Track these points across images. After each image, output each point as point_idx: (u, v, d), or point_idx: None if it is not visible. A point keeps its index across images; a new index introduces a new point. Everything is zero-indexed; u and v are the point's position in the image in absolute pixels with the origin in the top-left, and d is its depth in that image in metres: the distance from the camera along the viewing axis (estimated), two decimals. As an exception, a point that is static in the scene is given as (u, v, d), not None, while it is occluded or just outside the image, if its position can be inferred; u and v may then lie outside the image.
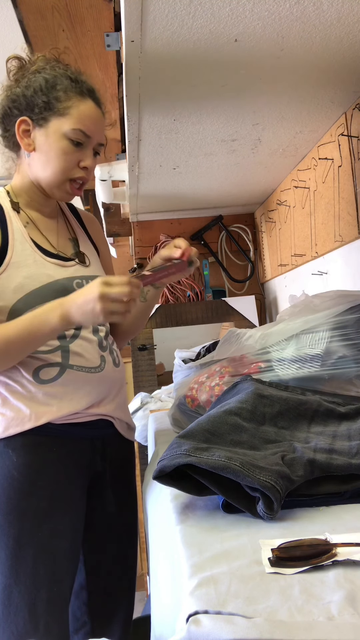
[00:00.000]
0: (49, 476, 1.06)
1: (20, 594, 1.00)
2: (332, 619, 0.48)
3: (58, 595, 1.04)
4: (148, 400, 2.26)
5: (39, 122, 1.10)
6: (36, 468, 1.05)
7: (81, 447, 1.12)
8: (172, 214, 2.71)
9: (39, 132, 1.11)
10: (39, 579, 1.01)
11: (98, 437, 1.15)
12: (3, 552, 1.01)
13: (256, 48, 1.15)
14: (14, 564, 1.01)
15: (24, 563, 1.01)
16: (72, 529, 1.08)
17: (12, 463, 1.04)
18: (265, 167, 2.02)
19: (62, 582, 1.05)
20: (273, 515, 0.69)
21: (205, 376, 1.24)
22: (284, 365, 1.09)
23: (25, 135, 1.12)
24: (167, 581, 0.71)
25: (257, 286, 2.79)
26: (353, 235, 1.57)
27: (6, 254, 1.08)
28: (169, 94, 1.33)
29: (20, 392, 1.06)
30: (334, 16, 1.06)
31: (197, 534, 0.69)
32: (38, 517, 1.03)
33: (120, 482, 1.22)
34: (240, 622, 0.48)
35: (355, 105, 1.49)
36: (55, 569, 1.04)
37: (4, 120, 1.15)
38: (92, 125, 1.12)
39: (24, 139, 1.12)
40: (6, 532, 1.02)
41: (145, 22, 1.02)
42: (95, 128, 1.13)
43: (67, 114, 1.10)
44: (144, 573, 2.86)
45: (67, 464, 1.09)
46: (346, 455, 0.79)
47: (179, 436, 0.81)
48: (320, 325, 1.10)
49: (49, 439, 1.07)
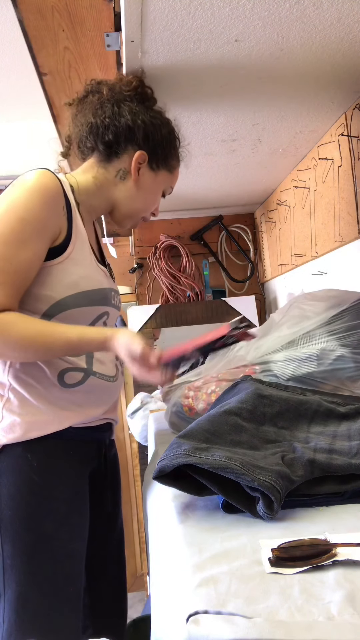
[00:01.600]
0: (67, 480, 1.06)
1: (37, 599, 1.00)
2: (332, 619, 0.48)
3: (74, 597, 1.04)
4: (148, 400, 2.26)
5: (152, 165, 1.18)
6: (56, 472, 1.05)
7: (91, 450, 1.15)
8: (172, 214, 2.71)
9: (148, 173, 1.18)
10: (55, 584, 1.01)
11: (102, 440, 1.19)
12: (20, 558, 1.00)
13: (256, 48, 1.15)
14: (31, 569, 1.00)
15: (41, 568, 1.00)
16: (85, 531, 1.09)
17: (32, 468, 1.03)
18: (265, 167, 2.02)
19: (76, 584, 1.05)
20: (273, 515, 0.69)
21: (201, 382, 1.24)
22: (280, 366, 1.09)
23: (137, 167, 1.16)
24: (167, 581, 0.71)
25: (257, 286, 2.79)
26: (353, 235, 1.57)
27: (68, 247, 1.07)
28: (169, 94, 1.33)
29: (44, 394, 1.06)
30: (334, 16, 1.06)
31: (197, 534, 0.69)
32: (57, 521, 1.03)
33: (115, 480, 1.26)
34: (240, 622, 0.48)
35: (355, 105, 1.49)
36: (71, 571, 1.04)
37: (123, 135, 1.15)
38: (175, 185, 1.28)
39: (136, 169, 1.16)
40: (24, 538, 1.01)
41: (145, 22, 1.02)
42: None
43: (172, 173, 1.24)
44: (144, 573, 2.87)
45: (81, 467, 1.11)
46: (346, 455, 0.79)
47: (178, 436, 0.81)
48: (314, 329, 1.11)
49: (66, 443, 1.08)
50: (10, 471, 1.02)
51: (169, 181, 1.24)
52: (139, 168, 1.16)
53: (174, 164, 1.23)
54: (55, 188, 1.06)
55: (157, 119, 1.18)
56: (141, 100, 1.18)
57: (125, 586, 1.30)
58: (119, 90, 1.17)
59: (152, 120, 1.16)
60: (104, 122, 1.14)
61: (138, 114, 1.15)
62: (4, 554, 1.00)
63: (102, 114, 1.15)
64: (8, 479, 1.02)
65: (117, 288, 1.25)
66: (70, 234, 1.08)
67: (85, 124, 1.17)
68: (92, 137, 1.16)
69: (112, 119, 1.14)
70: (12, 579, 1.00)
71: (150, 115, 1.17)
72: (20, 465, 1.03)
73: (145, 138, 1.16)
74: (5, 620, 1.00)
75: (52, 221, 1.04)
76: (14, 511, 1.01)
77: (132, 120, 1.14)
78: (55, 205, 1.05)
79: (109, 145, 1.16)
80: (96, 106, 1.16)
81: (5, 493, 1.01)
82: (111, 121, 1.14)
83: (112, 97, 1.16)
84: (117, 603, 1.25)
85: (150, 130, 1.16)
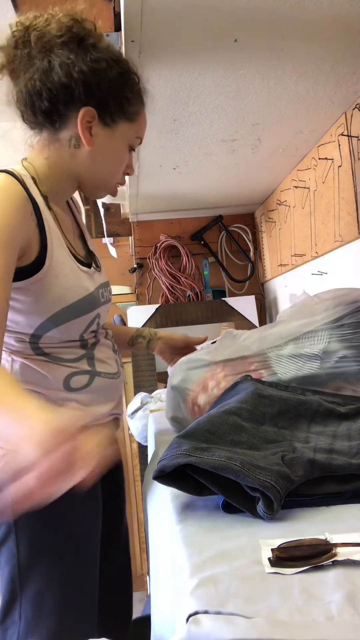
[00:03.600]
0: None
1: (55, 597, 0.99)
2: (332, 619, 0.48)
3: (90, 593, 1.04)
4: (148, 400, 2.26)
5: (106, 120, 1.00)
6: None
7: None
8: (172, 214, 2.71)
9: (103, 131, 1.00)
10: (71, 582, 1.01)
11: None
12: (37, 558, 1.00)
13: (256, 48, 1.15)
14: (48, 569, 1.00)
15: (58, 568, 1.00)
16: (98, 528, 1.09)
17: None
18: (265, 167, 2.02)
19: (92, 580, 1.05)
20: (273, 515, 0.69)
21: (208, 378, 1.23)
22: (282, 364, 1.09)
23: (87, 127, 0.99)
24: (167, 581, 0.71)
25: (257, 286, 2.79)
26: (353, 235, 1.57)
27: (45, 261, 0.96)
28: (169, 94, 1.33)
29: (51, 398, 1.02)
30: (334, 16, 1.06)
31: (197, 534, 0.69)
32: (73, 519, 1.02)
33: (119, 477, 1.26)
34: (240, 622, 0.48)
35: (355, 105, 1.49)
36: (87, 568, 1.04)
37: (59, 98, 0.96)
38: (144, 132, 1.08)
39: (86, 131, 0.99)
40: (40, 538, 1.00)
41: (145, 22, 1.02)
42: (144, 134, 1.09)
43: (134, 121, 1.04)
44: (144, 573, 2.87)
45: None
46: (346, 455, 0.79)
47: (178, 436, 0.81)
48: (319, 326, 1.10)
49: None
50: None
51: (133, 131, 1.04)
52: (89, 128, 0.98)
53: (134, 109, 1.03)
54: (18, 194, 0.93)
55: (102, 62, 0.96)
56: (79, 43, 0.96)
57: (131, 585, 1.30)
58: (49, 37, 0.95)
59: (93, 66, 0.95)
60: (35, 86, 0.95)
61: (74, 65, 0.94)
62: (20, 555, 1.00)
63: (32, 75, 0.95)
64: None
65: (106, 279, 1.14)
66: (45, 244, 0.96)
67: (18, 94, 0.98)
68: (30, 110, 0.98)
69: (42, 80, 0.94)
70: (30, 579, 1.00)
71: (91, 60, 0.95)
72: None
73: (87, 92, 0.96)
74: (22, 618, 1.00)
75: (19, 231, 0.91)
76: (28, 512, 1.01)
77: (66, 75, 0.94)
78: (22, 215, 0.92)
79: (47, 114, 0.97)
80: (24, 63, 0.95)
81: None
82: (42, 84, 0.94)
83: (41, 49, 0.95)
84: (120, 603, 1.25)
85: (92, 80, 0.95)
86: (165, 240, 2.72)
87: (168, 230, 2.75)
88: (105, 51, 0.98)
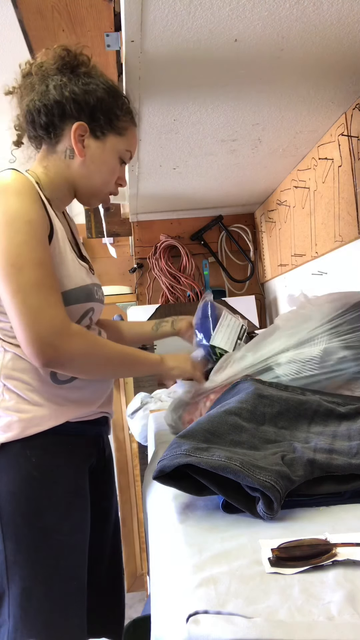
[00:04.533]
0: (67, 475, 1.07)
1: (41, 592, 1.00)
2: (332, 619, 0.48)
3: (77, 590, 1.05)
4: (148, 400, 2.26)
5: (96, 134, 1.13)
6: (55, 467, 1.06)
7: (90, 444, 1.16)
8: (172, 214, 2.71)
9: (94, 143, 1.13)
10: (58, 578, 1.01)
11: (100, 434, 1.20)
12: (22, 554, 1.01)
13: (256, 48, 1.15)
14: (34, 564, 1.01)
15: (44, 561, 1.01)
16: (87, 524, 1.10)
17: (31, 464, 1.03)
18: (265, 167, 2.02)
19: (80, 578, 1.06)
20: (273, 515, 0.69)
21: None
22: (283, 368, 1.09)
23: (79, 140, 1.12)
24: (167, 581, 0.71)
25: (257, 286, 2.79)
26: (353, 235, 1.57)
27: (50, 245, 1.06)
28: (169, 94, 1.33)
29: (39, 392, 1.06)
30: (334, 16, 1.06)
31: (197, 534, 0.69)
32: (58, 515, 1.04)
33: (111, 475, 1.27)
34: (240, 622, 0.48)
35: (355, 105, 1.49)
36: (74, 564, 1.05)
37: (54, 113, 1.10)
38: (135, 149, 1.21)
39: (78, 143, 1.11)
40: (25, 534, 1.01)
41: (145, 22, 1.02)
42: (135, 151, 1.22)
43: (123, 135, 1.16)
44: (144, 573, 2.87)
45: (80, 462, 1.12)
46: (346, 455, 0.79)
47: (178, 436, 0.81)
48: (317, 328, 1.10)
49: (65, 438, 1.08)
50: (9, 469, 1.03)
51: (123, 145, 1.17)
52: (82, 141, 1.12)
53: (123, 125, 1.16)
54: (32, 185, 1.05)
55: (92, 84, 1.11)
56: (71, 70, 1.11)
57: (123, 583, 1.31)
58: (46, 67, 1.11)
59: (84, 87, 1.10)
60: (35, 105, 1.10)
61: (65, 86, 1.09)
62: (7, 551, 1.01)
63: (32, 97, 1.10)
64: (8, 476, 1.03)
65: (99, 282, 1.24)
66: (52, 232, 1.06)
67: (22, 112, 1.13)
68: (31, 126, 1.13)
69: (40, 100, 1.09)
70: (16, 575, 1.00)
71: (83, 82, 1.10)
72: (19, 462, 1.03)
73: (78, 108, 1.10)
74: (11, 616, 1.00)
75: (45, 219, 1.04)
76: (15, 507, 1.01)
77: (59, 94, 1.09)
78: (39, 203, 1.05)
79: (45, 128, 1.11)
80: (28, 90, 1.12)
81: (5, 490, 1.02)
82: (40, 103, 1.09)
83: (41, 76, 1.11)
84: (114, 599, 1.25)
85: (82, 98, 1.10)
86: (165, 240, 2.72)
87: (168, 230, 2.75)
88: (96, 78, 1.13)
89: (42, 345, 0.97)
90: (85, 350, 1.03)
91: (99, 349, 1.06)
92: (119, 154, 1.17)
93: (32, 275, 0.98)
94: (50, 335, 0.98)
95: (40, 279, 0.98)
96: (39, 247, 1.00)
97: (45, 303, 0.98)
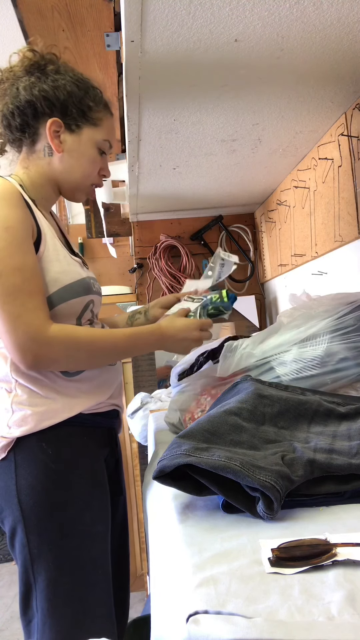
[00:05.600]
0: (84, 465, 1.09)
1: (67, 584, 1.01)
2: (332, 619, 0.48)
3: (102, 579, 1.05)
4: (148, 400, 2.26)
5: (71, 127, 1.15)
6: (73, 458, 1.07)
7: (104, 435, 1.18)
8: (172, 214, 2.71)
9: (70, 137, 1.15)
10: (83, 568, 1.02)
11: (113, 427, 1.22)
12: (46, 546, 1.02)
13: (256, 48, 1.15)
14: (58, 556, 1.02)
15: (68, 554, 1.02)
16: (107, 514, 1.12)
17: (48, 456, 1.04)
18: (265, 167, 2.02)
19: (104, 566, 1.07)
20: (273, 515, 0.69)
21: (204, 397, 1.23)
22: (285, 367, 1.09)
23: (55, 135, 1.14)
24: (167, 581, 0.71)
25: (257, 286, 2.79)
26: (353, 235, 1.57)
27: (40, 246, 1.08)
28: (169, 94, 1.33)
29: (50, 385, 1.08)
30: (334, 16, 1.06)
31: (197, 534, 0.69)
32: (78, 506, 1.05)
33: (120, 470, 1.28)
34: (240, 622, 0.48)
35: (355, 105, 1.49)
36: (98, 554, 1.06)
37: (27, 113, 1.13)
38: (114, 138, 1.22)
39: (54, 139, 1.14)
40: (47, 526, 1.02)
41: (145, 22, 1.02)
42: (115, 140, 1.22)
43: (99, 125, 1.18)
44: (144, 573, 2.87)
45: (96, 452, 1.13)
46: (346, 455, 0.79)
47: (178, 436, 0.81)
48: (320, 330, 1.10)
49: (80, 429, 1.10)
50: (27, 462, 1.04)
51: (100, 135, 1.19)
52: (58, 137, 1.14)
53: (97, 115, 1.18)
54: (14, 190, 1.07)
55: (61, 80, 1.14)
56: (40, 69, 1.15)
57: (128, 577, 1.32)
58: (15, 70, 1.15)
59: (53, 83, 1.13)
60: (9, 109, 1.13)
61: (34, 85, 1.12)
62: (30, 545, 1.02)
63: (5, 101, 1.13)
64: (26, 470, 1.04)
65: (94, 275, 1.26)
66: (40, 232, 1.09)
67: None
68: (8, 130, 1.16)
69: (13, 103, 1.13)
70: (42, 568, 1.02)
71: (52, 79, 1.13)
72: (36, 454, 1.04)
73: (49, 105, 1.12)
74: (39, 608, 1.02)
75: (27, 222, 1.06)
76: (36, 500, 1.02)
77: (29, 94, 1.12)
78: (23, 207, 1.07)
79: (21, 129, 1.14)
80: (1, 96, 1.15)
81: (24, 484, 1.03)
82: (13, 105, 1.13)
83: (11, 80, 1.14)
84: (120, 598, 1.26)
85: (52, 94, 1.12)
86: (165, 240, 2.72)
87: (168, 230, 2.75)
88: (65, 74, 1.15)
89: (21, 352, 1.00)
90: (66, 351, 1.04)
91: (83, 344, 1.06)
92: (97, 145, 1.18)
93: (9, 282, 0.99)
94: (27, 342, 0.99)
95: (18, 285, 1.00)
96: (18, 253, 1.01)
97: (23, 309, 0.99)
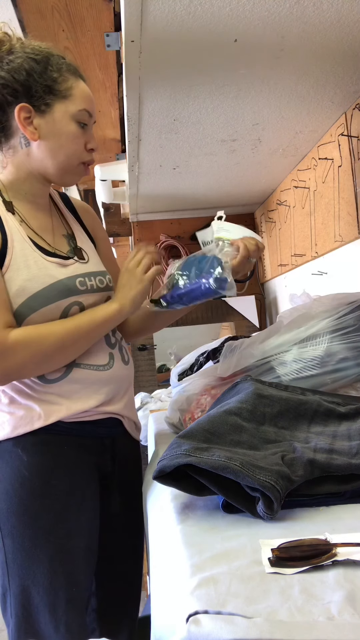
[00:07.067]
0: (61, 475, 1.04)
1: (39, 595, 0.99)
2: (332, 619, 0.48)
3: (77, 596, 1.02)
4: (148, 400, 2.26)
5: (41, 108, 1.05)
6: (48, 467, 1.04)
7: (91, 445, 1.11)
8: (172, 214, 2.71)
9: (43, 119, 1.05)
10: (57, 580, 1.00)
11: (107, 436, 1.14)
12: (19, 554, 1.00)
13: (256, 48, 1.15)
14: (31, 565, 1.00)
15: (41, 564, 1.00)
16: (88, 529, 1.07)
17: (22, 462, 1.02)
18: (265, 167, 2.02)
19: (80, 584, 1.03)
20: (273, 515, 0.69)
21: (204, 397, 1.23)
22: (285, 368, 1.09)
23: (27, 122, 1.05)
24: (167, 581, 0.71)
25: (257, 286, 2.79)
26: (353, 235, 1.57)
27: (5, 258, 1.03)
28: (169, 94, 1.33)
29: (27, 392, 1.05)
30: (334, 16, 1.06)
31: (197, 534, 0.69)
32: (53, 517, 1.02)
33: (128, 483, 1.21)
34: (240, 622, 0.48)
35: (355, 105, 1.49)
36: (72, 569, 1.02)
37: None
38: (92, 104, 1.11)
39: (27, 127, 1.05)
40: (21, 534, 1.00)
41: (145, 22, 1.02)
42: (93, 106, 1.12)
43: (70, 96, 1.07)
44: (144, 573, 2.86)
45: (78, 463, 1.08)
46: (346, 455, 0.79)
47: (178, 436, 0.81)
48: (320, 330, 1.10)
49: (59, 438, 1.06)
50: (2, 466, 1.03)
51: (74, 106, 1.07)
52: (30, 123, 1.05)
53: (65, 86, 1.06)
54: None
55: (16, 60, 1.04)
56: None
57: (139, 590, 1.27)
58: None
59: (8, 66, 1.03)
60: None
61: None
62: (6, 549, 1.01)
63: None
64: (2, 474, 1.03)
65: (95, 269, 1.16)
66: (6, 242, 1.03)
67: None
68: None
69: None
70: (15, 573, 1.00)
71: (6, 62, 1.03)
72: (11, 459, 1.03)
73: (12, 92, 1.04)
74: (14, 614, 1.00)
75: None
76: (9, 506, 1.01)
77: None
78: None
79: None
80: None
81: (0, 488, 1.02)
82: None
83: None
84: (125, 608, 1.22)
85: (10, 78, 1.03)
86: (165, 240, 2.72)
87: (168, 230, 2.75)
88: (20, 51, 1.05)
89: None
90: (31, 352, 1.00)
91: (45, 339, 1.02)
92: (74, 118, 1.07)
93: None
94: None
95: None
96: None
97: None
